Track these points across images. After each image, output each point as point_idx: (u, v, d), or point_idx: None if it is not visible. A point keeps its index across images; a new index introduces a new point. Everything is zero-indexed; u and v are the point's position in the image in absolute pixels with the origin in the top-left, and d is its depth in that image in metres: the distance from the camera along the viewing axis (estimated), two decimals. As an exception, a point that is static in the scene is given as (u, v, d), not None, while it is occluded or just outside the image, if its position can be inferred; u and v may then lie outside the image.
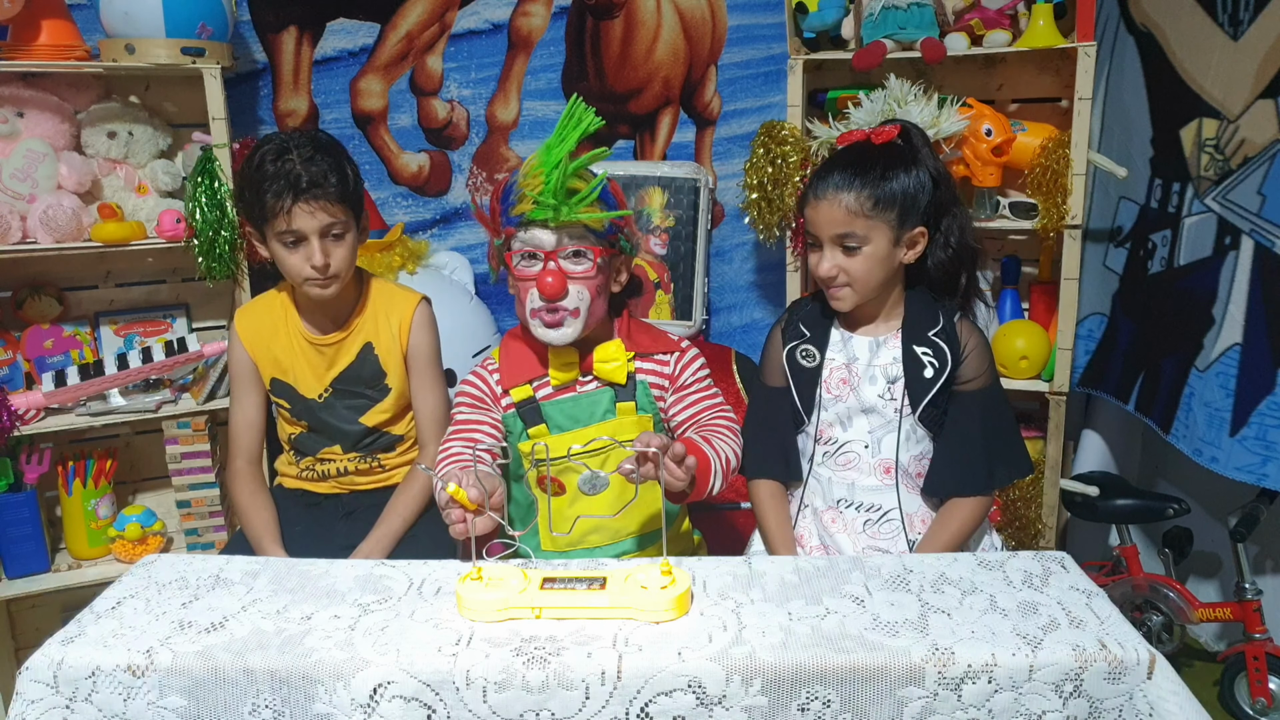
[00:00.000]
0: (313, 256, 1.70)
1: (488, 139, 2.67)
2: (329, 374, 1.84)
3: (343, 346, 1.84)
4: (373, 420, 1.86)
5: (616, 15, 2.64)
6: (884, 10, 2.20)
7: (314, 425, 1.86)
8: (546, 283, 1.51)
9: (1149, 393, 2.21)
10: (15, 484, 2.15)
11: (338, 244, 1.73)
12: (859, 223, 1.52)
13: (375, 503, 1.84)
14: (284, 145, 1.70)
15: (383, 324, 1.84)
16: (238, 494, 1.85)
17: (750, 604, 1.22)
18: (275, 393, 1.87)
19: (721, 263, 2.79)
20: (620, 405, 1.63)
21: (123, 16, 2.07)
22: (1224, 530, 2.13)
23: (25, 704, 1.14)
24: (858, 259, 1.54)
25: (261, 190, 1.67)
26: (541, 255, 1.53)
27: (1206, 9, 2.02)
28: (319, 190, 1.67)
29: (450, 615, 1.21)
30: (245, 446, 1.88)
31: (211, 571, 1.35)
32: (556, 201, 1.48)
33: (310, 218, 1.69)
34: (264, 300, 1.90)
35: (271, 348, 1.84)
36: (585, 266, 1.54)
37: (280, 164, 1.67)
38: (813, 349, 1.65)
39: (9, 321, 2.28)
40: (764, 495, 1.67)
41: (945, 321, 1.60)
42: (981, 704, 1.10)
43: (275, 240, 1.73)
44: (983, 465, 1.58)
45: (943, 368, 1.57)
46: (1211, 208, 2.03)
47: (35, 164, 2.11)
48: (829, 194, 1.53)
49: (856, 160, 1.55)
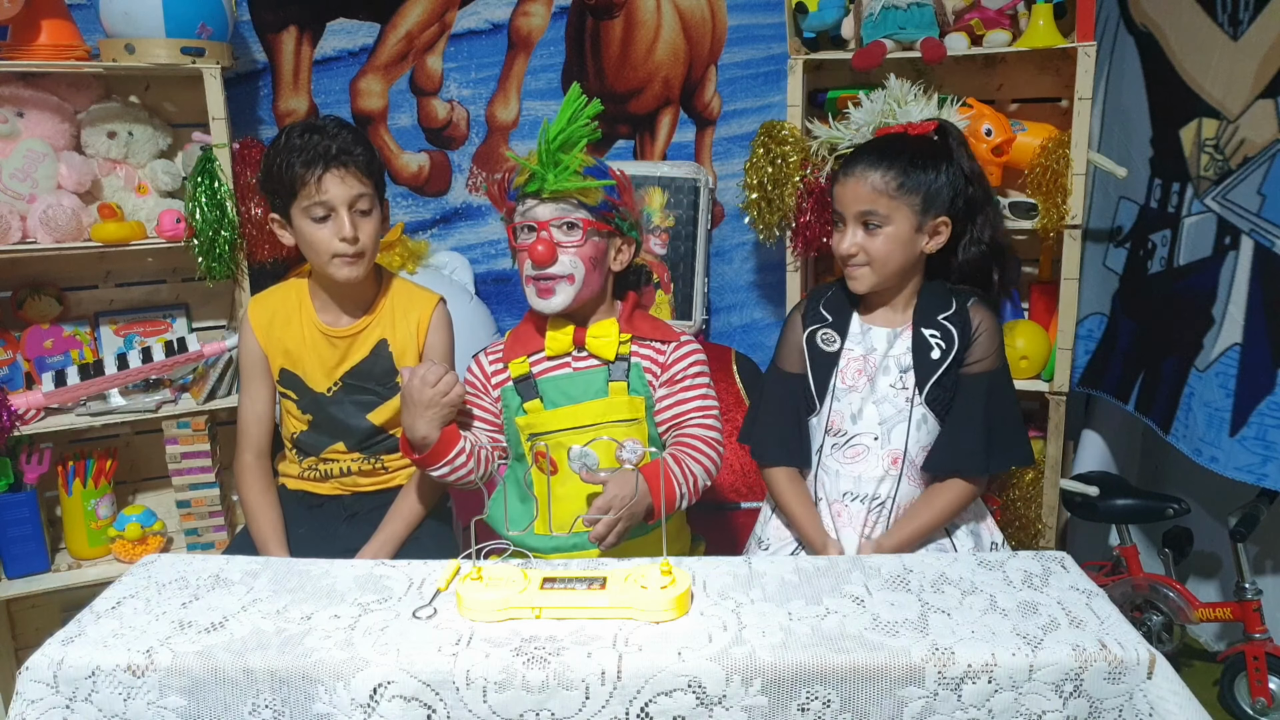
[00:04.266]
0: (342, 228, 1.71)
1: (488, 139, 2.67)
2: (340, 368, 1.84)
3: (357, 340, 1.83)
4: (380, 418, 1.85)
5: (616, 15, 2.64)
6: (884, 10, 2.20)
7: (320, 420, 1.85)
8: (537, 250, 1.59)
9: (1149, 393, 2.21)
10: (15, 484, 2.15)
11: (365, 219, 1.75)
12: (883, 202, 1.57)
13: (377, 505, 1.84)
14: (311, 123, 1.75)
15: (400, 321, 1.84)
16: (246, 490, 1.84)
17: (750, 604, 1.22)
18: (283, 384, 1.85)
19: (721, 263, 2.79)
20: (613, 385, 1.66)
21: (123, 16, 2.07)
22: (1224, 530, 2.13)
23: (25, 704, 1.14)
24: (879, 238, 1.58)
25: (291, 162, 1.70)
26: (535, 226, 1.61)
27: (1206, 9, 2.02)
28: (347, 157, 1.71)
29: (450, 615, 1.21)
30: (254, 440, 1.87)
31: (211, 571, 1.35)
32: (544, 170, 1.58)
33: (340, 185, 1.71)
34: (279, 289, 1.90)
35: (284, 337, 1.83)
36: (575, 236, 1.61)
37: (308, 138, 1.71)
38: (834, 333, 1.67)
39: (9, 321, 2.28)
40: (783, 482, 1.69)
41: (958, 306, 1.62)
42: (981, 704, 1.10)
43: (303, 218, 1.73)
44: (980, 448, 1.59)
45: (949, 349, 1.59)
46: (1211, 208, 2.03)
47: (35, 164, 2.11)
48: (857, 171, 1.59)
49: (889, 145, 1.62)
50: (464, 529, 1.95)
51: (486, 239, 2.71)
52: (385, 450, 1.88)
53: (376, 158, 1.79)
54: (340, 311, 1.84)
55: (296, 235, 1.77)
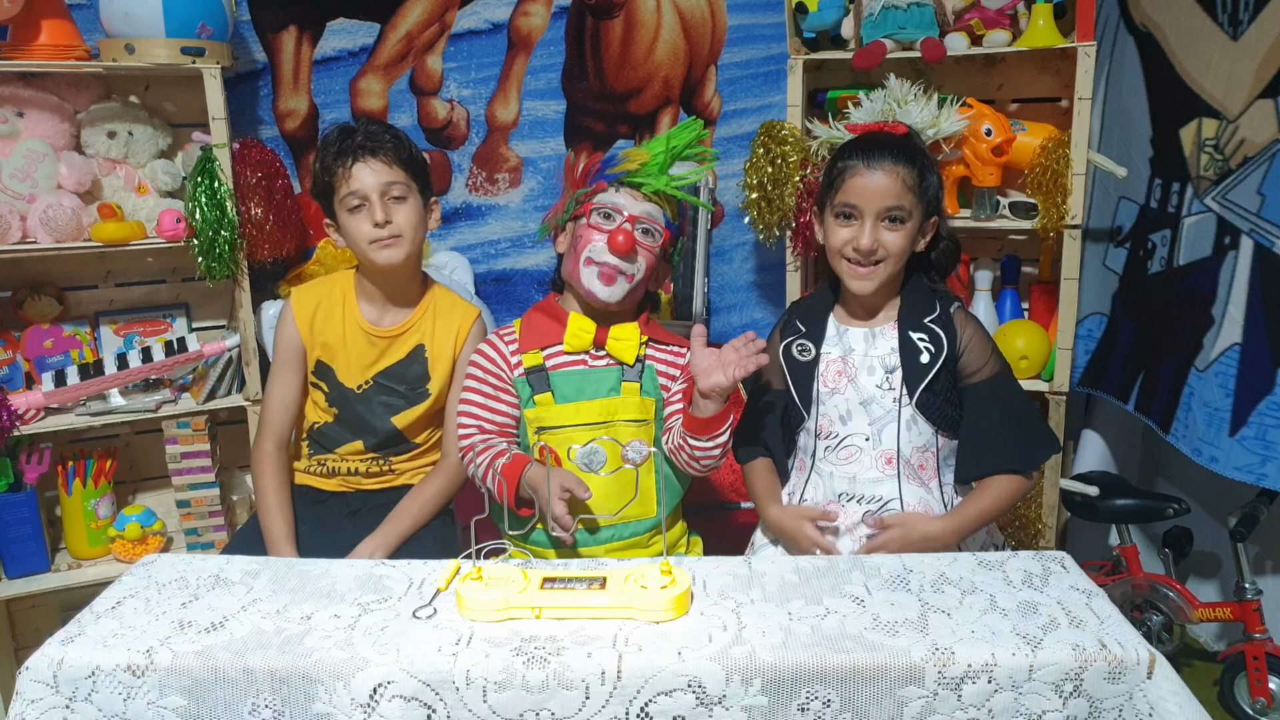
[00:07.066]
0: (374, 214, 1.75)
1: (487, 139, 2.67)
2: (375, 366, 1.85)
3: (396, 342, 1.85)
4: (403, 422, 1.86)
5: (616, 15, 2.64)
6: (884, 10, 2.20)
7: (345, 416, 1.86)
8: (618, 240, 1.61)
9: (1149, 393, 2.21)
10: (15, 484, 2.15)
11: (399, 205, 1.78)
12: (908, 198, 1.57)
13: (380, 503, 1.85)
14: (345, 125, 1.82)
15: (440, 328, 1.86)
16: (261, 478, 1.84)
17: (750, 604, 1.22)
18: (316, 374, 1.87)
19: (721, 263, 2.79)
20: (626, 385, 1.67)
21: (123, 16, 2.07)
22: (1224, 530, 2.13)
23: (25, 704, 1.14)
24: (899, 234, 1.58)
25: (326, 161, 1.78)
26: (617, 216, 1.65)
27: (1206, 9, 2.02)
28: (375, 144, 1.76)
29: (450, 615, 1.21)
30: (276, 427, 1.87)
31: (211, 571, 1.35)
32: (659, 170, 1.66)
33: (370, 173, 1.75)
34: (324, 281, 1.92)
35: (325, 330, 1.85)
36: (651, 242, 1.67)
37: (340, 136, 1.78)
38: (808, 343, 1.68)
39: (9, 321, 2.28)
40: (758, 469, 1.72)
41: (941, 310, 1.62)
42: (981, 704, 1.10)
43: (342, 211, 1.78)
44: (1016, 444, 1.58)
45: (938, 353, 1.59)
46: (1211, 208, 2.03)
47: (35, 164, 2.11)
48: (885, 164, 1.57)
49: (901, 143, 1.61)
50: (464, 529, 1.95)
51: (486, 239, 2.71)
52: (397, 454, 1.89)
53: (412, 149, 1.82)
54: (383, 310, 1.86)
55: (341, 230, 1.81)
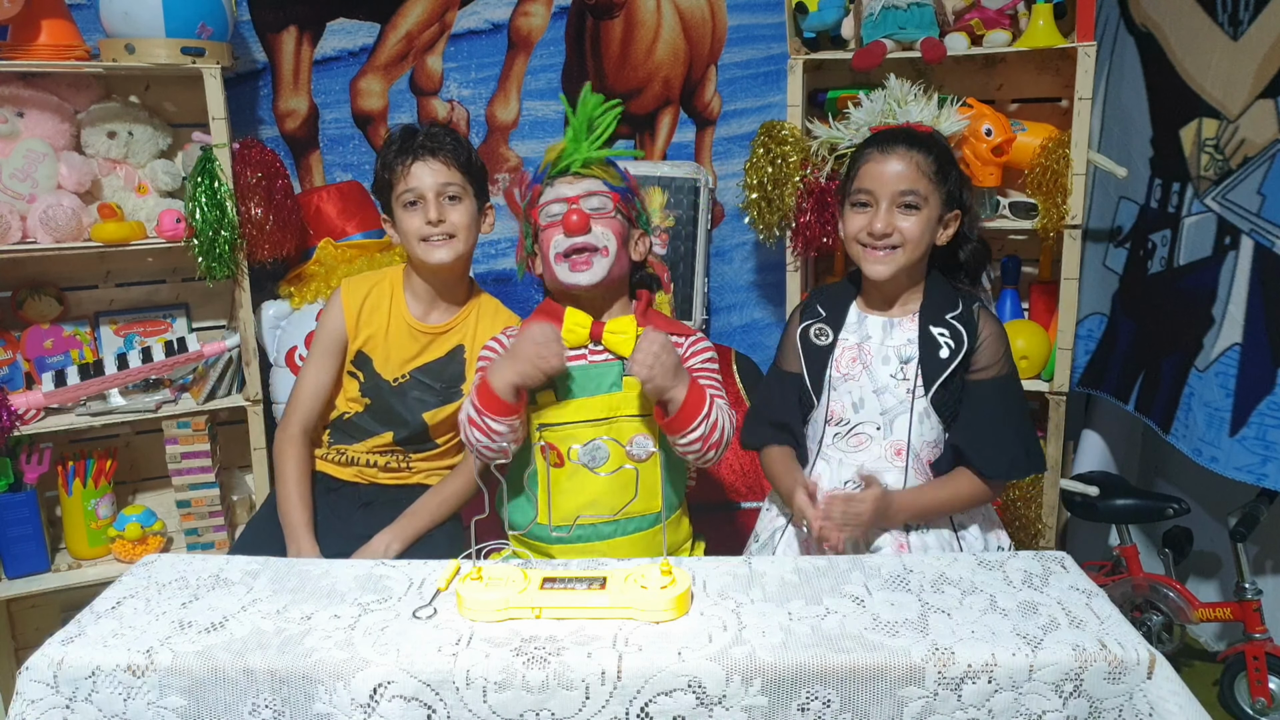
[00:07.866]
0: (428, 211, 1.78)
1: (487, 139, 2.67)
2: (414, 361, 1.87)
3: (439, 339, 1.88)
4: (433, 419, 1.87)
5: (616, 15, 2.64)
6: (884, 10, 2.20)
7: (377, 407, 1.87)
8: (571, 220, 1.61)
9: (1149, 393, 2.21)
10: (15, 484, 2.15)
11: (454, 205, 1.82)
12: (923, 183, 1.58)
13: (393, 498, 1.86)
14: (412, 126, 1.86)
15: (483, 332, 1.87)
16: (285, 465, 1.84)
17: (750, 604, 1.22)
18: (355, 363, 1.89)
19: (721, 263, 2.79)
20: (628, 380, 1.66)
21: (123, 16, 2.07)
22: (1224, 530, 2.13)
23: (25, 704, 1.14)
24: (915, 220, 1.58)
25: (388, 159, 1.82)
26: (561, 206, 1.64)
27: (1206, 9, 2.02)
28: (435, 144, 1.80)
29: (450, 615, 1.21)
30: (305, 413, 1.88)
31: (211, 571, 1.35)
32: (577, 141, 1.66)
33: (428, 172, 1.79)
34: (373, 275, 1.94)
35: (371, 320, 1.87)
36: (604, 209, 1.65)
37: (405, 136, 1.83)
38: (827, 327, 1.68)
39: (9, 321, 2.28)
40: (774, 455, 1.71)
41: (964, 308, 1.62)
42: (981, 704, 1.10)
43: (398, 207, 1.82)
44: (996, 451, 1.57)
45: (958, 349, 1.58)
46: (1211, 208, 2.03)
47: (35, 164, 2.11)
48: (900, 150, 1.59)
49: (919, 134, 1.64)
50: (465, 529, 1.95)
51: (486, 239, 2.71)
52: (418, 451, 1.90)
53: (471, 154, 1.86)
54: (430, 307, 1.88)
55: (396, 228, 1.84)
